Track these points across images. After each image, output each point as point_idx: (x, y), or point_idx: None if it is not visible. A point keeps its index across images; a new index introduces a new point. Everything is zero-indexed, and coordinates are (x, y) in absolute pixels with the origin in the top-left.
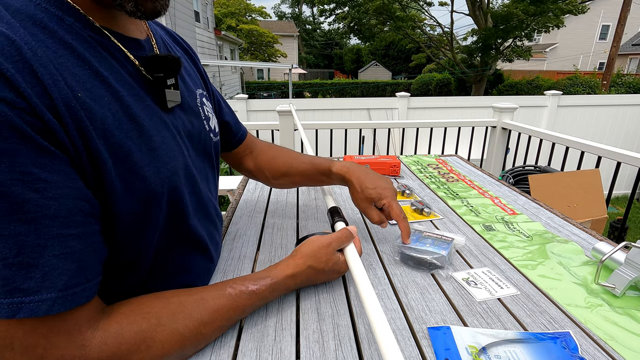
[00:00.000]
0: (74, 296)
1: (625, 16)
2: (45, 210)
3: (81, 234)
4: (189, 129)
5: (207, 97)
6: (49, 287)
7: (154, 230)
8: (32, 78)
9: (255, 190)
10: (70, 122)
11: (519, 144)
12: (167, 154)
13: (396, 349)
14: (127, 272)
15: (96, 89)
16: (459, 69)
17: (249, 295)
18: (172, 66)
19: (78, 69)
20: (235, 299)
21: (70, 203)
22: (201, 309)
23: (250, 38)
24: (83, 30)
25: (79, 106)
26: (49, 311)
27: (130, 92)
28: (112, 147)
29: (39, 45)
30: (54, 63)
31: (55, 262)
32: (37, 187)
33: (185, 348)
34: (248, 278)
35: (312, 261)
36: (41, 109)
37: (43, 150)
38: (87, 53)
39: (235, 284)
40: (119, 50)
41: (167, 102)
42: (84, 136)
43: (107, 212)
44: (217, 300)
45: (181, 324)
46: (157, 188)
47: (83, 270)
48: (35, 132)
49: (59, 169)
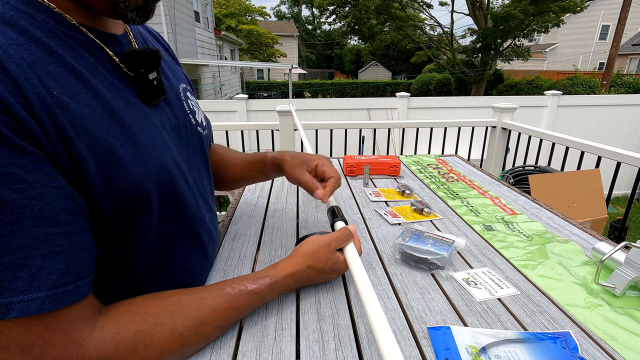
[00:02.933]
0: (64, 294)
1: (625, 16)
2: (28, 211)
3: (67, 232)
4: (174, 123)
5: (191, 91)
6: (38, 287)
7: (145, 227)
8: (5, 77)
9: (256, 191)
10: (47, 120)
11: (519, 144)
12: (153, 148)
13: (396, 349)
14: (123, 272)
15: (72, 86)
16: (459, 69)
17: (248, 294)
18: (152, 60)
19: (52, 66)
20: (235, 299)
21: (53, 202)
22: (200, 309)
23: (250, 38)
24: (56, 27)
25: (54, 104)
26: (39, 310)
27: (110, 88)
28: (94, 143)
29: (10, 43)
30: (26, 61)
31: (42, 262)
32: (17, 188)
33: (185, 348)
34: (247, 278)
35: (311, 261)
36: (15, 108)
37: (21, 150)
38: (61, 50)
39: (234, 284)
40: (96, 46)
41: (151, 97)
42: (61, 134)
43: (95, 210)
44: (216, 299)
45: (180, 324)
46: (145, 183)
47: (73, 268)
48: (11, 132)
49: (39, 169)
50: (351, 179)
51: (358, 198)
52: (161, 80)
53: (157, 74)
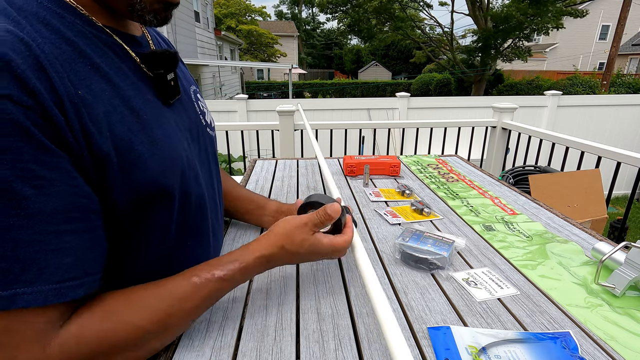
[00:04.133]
0: (69, 289)
1: (625, 16)
2: (43, 207)
3: (79, 229)
4: (187, 123)
5: (199, 93)
6: (45, 280)
7: (157, 223)
8: (42, 74)
9: (255, 191)
10: (74, 117)
11: (519, 144)
12: (169, 146)
13: (405, 349)
14: (129, 268)
15: (97, 84)
16: (459, 69)
17: (217, 281)
18: (170, 61)
19: (79, 66)
20: (201, 287)
21: (68, 199)
22: (165, 300)
23: (250, 38)
24: (84, 27)
25: (80, 102)
26: (45, 302)
27: (131, 87)
28: (116, 140)
29: (45, 41)
30: (58, 59)
31: (51, 256)
32: (36, 184)
33: (150, 342)
34: (215, 264)
35: (285, 241)
36: (49, 105)
37: (44, 148)
38: (88, 49)
39: (201, 272)
40: (119, 46)
41: (168, 97)
42: (85, 131)
43: (110, 206)
44: (181, 289)
45: (145, 319)
46: (160, 179)
47: (81, 265)
48: (38, 129)
49: (59, 167)
50: (351, 179)
51: (358, 198)
52: (177, 80)
53: (174, 75)
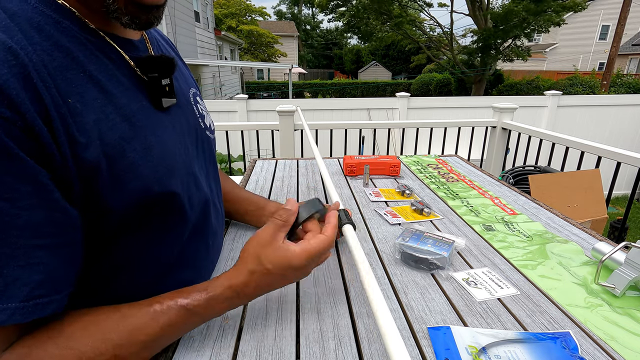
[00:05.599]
0: (37, 307)
1: (625, 16)
2: (15, 220)
3: (51, 245)
4: (185, 127)
5: (199, 96)
6: (10, 297)
7: (154, 229)
8: (27, 83)
9: (255, 191)
10: (60, 127)
11: (519, 144)
12: (164, 152)
13: (403, 349)
14: (128, 271)
15: (89, 92)
16: (459, 69)
17: (179, 310)
18: (166, 66)
19: (71, 73)
20: (161, 316)
21: (42, 213)
22: (119, 330)
23: (250, 38)
24: (79, 33)
25: (68, 112)
26: (7, 321)
27: (125, 93)
28: (106, 148)
29: (35, 49)
30: (47, 68)
31: (19, 272)
32: (7, 197)
33: None
34: (183, 291)
35: (252, 263)
36: (32, 115)
37: (19, 160)
38: (82, 55)
39: (164, 300)
40: (114, 51)
41: (163, 102)
42: (72, 141)
43: (105, 212)
44: (139, 318)
45: (94, 347)
46: (155, 186)
47: (51, 282)
48: (14, 142)
49: (34, 180)
50: (351, 179)
51: (358, 198)
52: (173, 86)
53: (170, 80)
